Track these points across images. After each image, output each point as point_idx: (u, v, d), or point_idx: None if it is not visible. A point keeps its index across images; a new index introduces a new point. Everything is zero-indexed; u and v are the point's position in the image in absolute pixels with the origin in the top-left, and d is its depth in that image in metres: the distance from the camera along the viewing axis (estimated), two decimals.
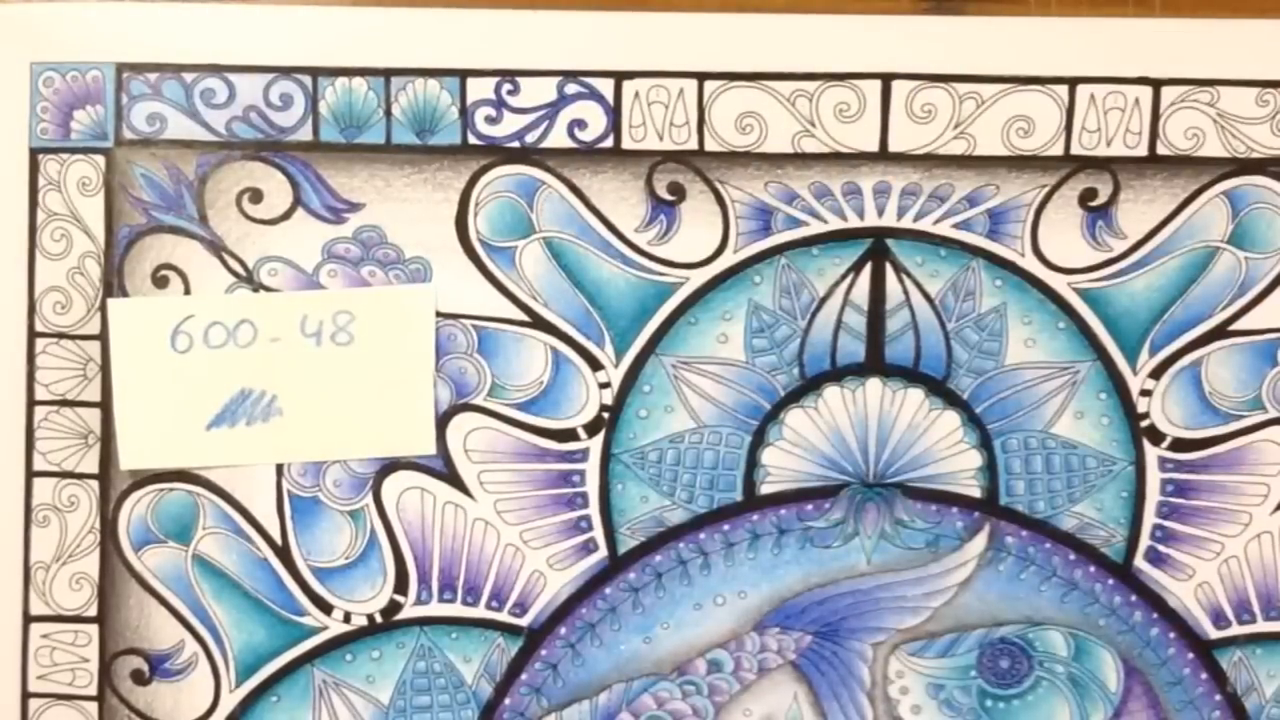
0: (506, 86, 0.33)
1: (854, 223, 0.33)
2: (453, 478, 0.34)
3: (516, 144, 0.33)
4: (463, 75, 0.33)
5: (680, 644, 0.34)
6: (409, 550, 0.34)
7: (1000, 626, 0.33)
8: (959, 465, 0.33)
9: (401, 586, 0.34)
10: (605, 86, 0.33)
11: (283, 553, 0.34)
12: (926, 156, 0.33)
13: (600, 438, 0.34)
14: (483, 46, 0.33)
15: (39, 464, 0.33)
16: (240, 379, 0.33)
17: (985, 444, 0.33)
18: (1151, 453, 0.33)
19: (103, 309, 0.33)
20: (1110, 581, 0.33)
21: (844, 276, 0.33)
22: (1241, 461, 0.33)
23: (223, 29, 0.33)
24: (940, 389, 0.33)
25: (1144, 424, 0.33)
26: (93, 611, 0.33)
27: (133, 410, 0.33)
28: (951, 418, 0.33)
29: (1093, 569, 0.33)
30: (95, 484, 0.33)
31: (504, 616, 0.34)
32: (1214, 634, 0.33)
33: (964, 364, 0.33)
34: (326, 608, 0.34)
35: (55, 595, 0.33)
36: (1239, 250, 0.33)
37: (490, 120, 0.33)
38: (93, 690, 0.33)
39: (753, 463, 0.34)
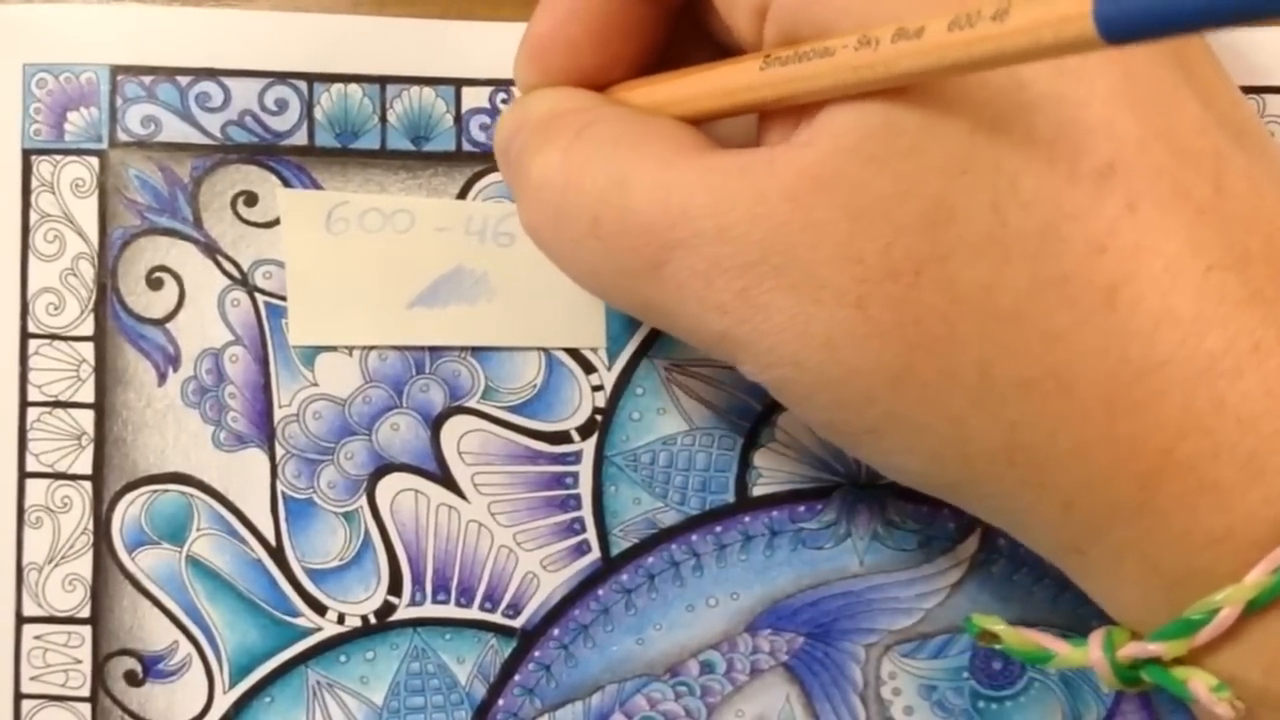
0: (501, 95, 0.33)
1: None
2: (446, 480, 0.34)
3: None
4: (458, 84, 0.34)
5: (673, 645, 0.34)
6: (403, 552, 0.34)
7: None
8: None
9: (395, 588, 0.34)
10: None
11: (277, 554, 0.34)
12: None
13: (593, 440, 0.34)
14: (477, 57, 0.33)
15: (32, 465, 0.33)
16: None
17: None
18: None
19: (97, 308, 0.33)
20: None
21: None
22: None
23: (218, 33, 0.33)
24: None
25: None
26: (86, 613, 0.33)
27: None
28: None
29: None
30: (88, 485, 0.33)
31: (497, 618, 0.34)
32: None
33: None
34: (320, 609, 0.34)
35: (48, 596, 0.33)
36: None
37: (485, 128, 0.34)
38: (86, 691, 0.33)
39: (745, 464, 0.34)
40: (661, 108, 0.27)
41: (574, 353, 0.34)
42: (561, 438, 0.34)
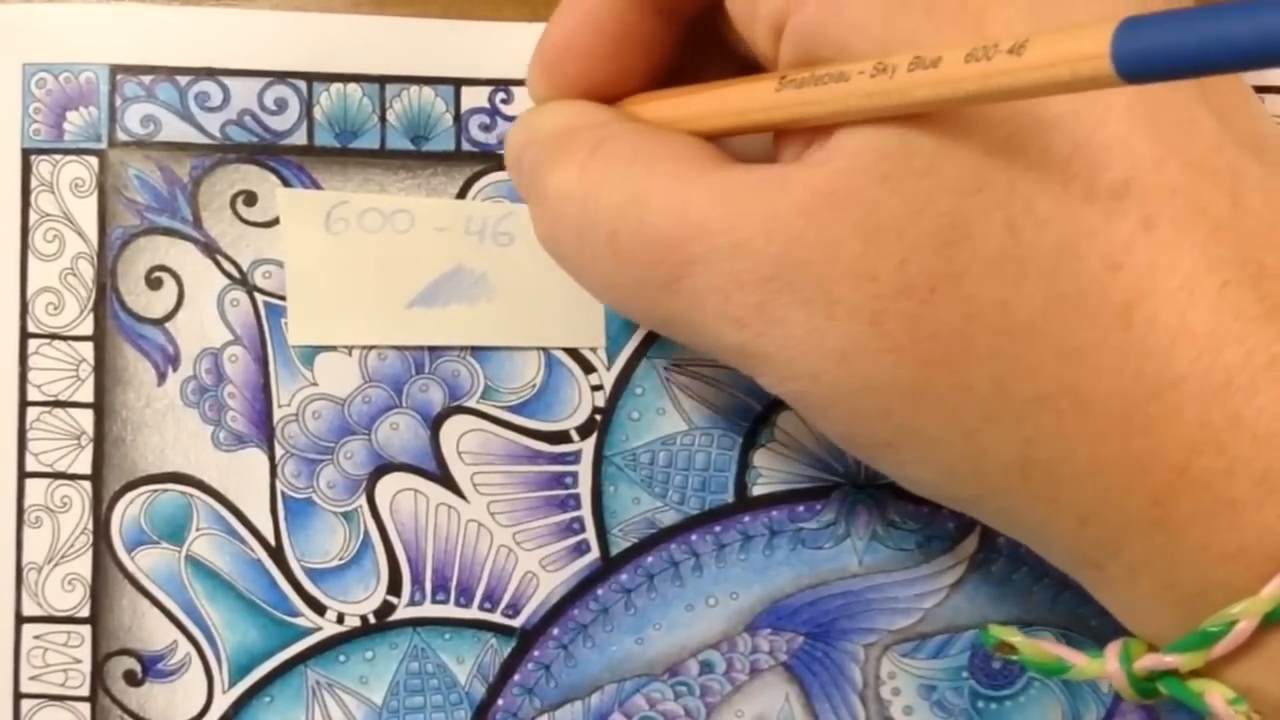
0: (500, 95, 0.33)
1: None
2: (446, 480, 0.34)
3: None
4: (457, 84, 0.34)
5: (672, 645, 0.34)
6: (402, 552, 0.34)
7: None
8: None
9: (395, 588, 0.34)
10: None
11: (276, 554, 0.34)
12: None
13: (592, 440, 0.34)
14: (477, 57, 0.33)
15: (31, 465, 0.33)
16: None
17: None
18: None
19: (96, 308, 0.33)
20: None
21: None
22: None
23: (218, 33, 0.33)
24: None
25: None
26: (85, 612, 0.33)
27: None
28: None
29: None
30: (88, 485, 0.33)
31: (497, 617, 0.34)
32: None
33: None
34: (320, 609, 0.34)
35: (48, 596, 0.33)
36: None
37: (484, 128, 0.34)
38: (85, 691, 0.33)
39: (744, 464, 0.34)
40: (674, 124, 0.27)
41: (573, 352, 0.34)
42: (561, 437, 0.34)
